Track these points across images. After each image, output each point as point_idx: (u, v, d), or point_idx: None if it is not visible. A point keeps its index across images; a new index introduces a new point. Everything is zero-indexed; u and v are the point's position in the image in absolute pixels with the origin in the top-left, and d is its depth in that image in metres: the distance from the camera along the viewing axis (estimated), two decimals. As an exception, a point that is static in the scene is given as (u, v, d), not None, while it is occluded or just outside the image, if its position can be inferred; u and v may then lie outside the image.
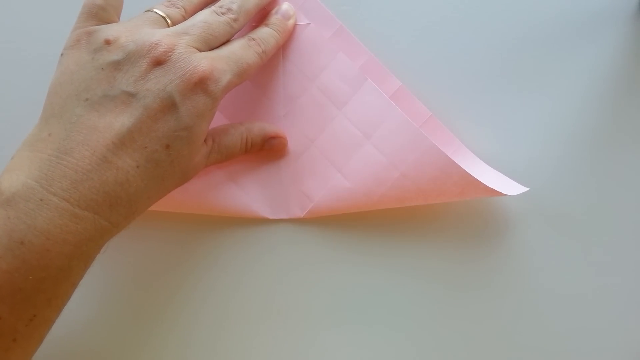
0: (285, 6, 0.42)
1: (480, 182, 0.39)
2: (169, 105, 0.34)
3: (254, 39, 0.39)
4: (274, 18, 0.42)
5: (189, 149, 0.35)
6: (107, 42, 0.34)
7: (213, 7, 0.39)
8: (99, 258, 0.34)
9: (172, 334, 0.42)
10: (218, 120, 0.42)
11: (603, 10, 0.43)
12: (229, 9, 0.38)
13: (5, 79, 0.45)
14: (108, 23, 0.37)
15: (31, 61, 0.45)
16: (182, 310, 0.43)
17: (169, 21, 0.37)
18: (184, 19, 0.38)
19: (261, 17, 0.42)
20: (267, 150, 0.43)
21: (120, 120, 0.33)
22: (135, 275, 0.43)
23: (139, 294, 0.43)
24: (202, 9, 0.40)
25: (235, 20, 0.38)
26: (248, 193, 0.43)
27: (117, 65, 0.34)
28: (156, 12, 0.37)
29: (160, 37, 0.35)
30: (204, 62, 0.35)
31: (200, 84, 0.35)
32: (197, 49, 0.36)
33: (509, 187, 0.41)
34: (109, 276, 0.43)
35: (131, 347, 0.42)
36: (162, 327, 0.42)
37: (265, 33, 0.41)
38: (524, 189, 0.40)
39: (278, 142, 0.42)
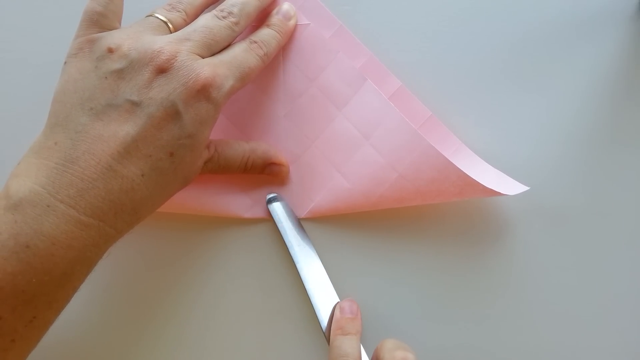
0: (285, 6, 0.42)
1: (478, 182, 0.39)
2: (173, 114, 0.34)
3: (255, 42, 0.39)
4: (275, 19, 0.42)
5: (191, 156, 0.36)
6: (110, 51, 0.35)
7: (214, 11, 0.38)
8: (99, 261, 0.35)
9: (170, 334, 0.43)
10: (219, 121, 0.42)
11: (603, 10, 0.43)
12: (230, 13, 0.38)
13: (7, 84, 0.45)
14: (109, 30, 0.37)
15: (33, 66, 0.45)
16: (180, 311, 0.43)
17: (170, 26, 0.37)
18: (186, 22, 0.38)
19: (262, 17, 0.42)
20: (267, 174, 0.43)
21: (124, 129, 0.33)
22: (134, 276, 0.43)
23: (138, 295, 0.43)
24: (203, 12, 0.40)
25: (236, 23, 0.38)
26: (248, 193, 0.43)
27: (120, 74, 0.34)
28: (157, 17, 0.37)
29: (162, 44, 0.35)
30: (206, 69, 0.35)
31: (203, 92, 0.35)
32: (199, 55, 0.36)
33: (509, 186, 0.41)
34: (109, 276, 0.43)
35: (130, 348, 0.43)
36: (160, 327, 0.43)
37: (266, 35, 0.41)
38: (525, 188, 0.40)
39: (279, 169, 0.42)
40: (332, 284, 0.42)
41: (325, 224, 0.43)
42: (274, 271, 0.43)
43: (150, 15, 0.38)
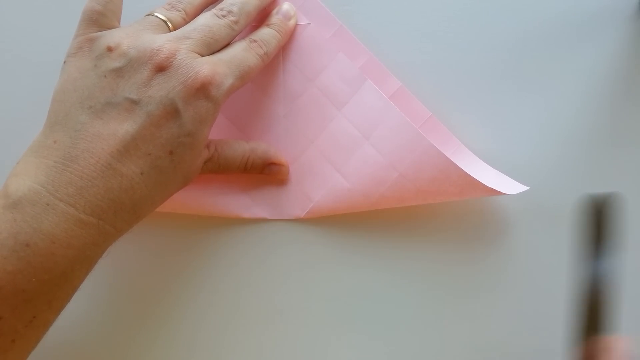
0: (285, 6, 0.42)
1: (479, 181, 0.39)
2: (172, 112, 0.34)
3: (255, 41, 0.39)
4: (275, 18, 0.42)
5: (191, 154, 0.36)
6: (109, 49, 0.34)
7: (213, 10, 0.38)
8: (99, 260, 0.35)
9: (170, 334, 0.43)
10: (218, 120, 0.42)
11: (603, 10, 0.43)
12: (229, 12, 0.38)
13: (7, 83, 0.45)
14: (109, 28, 0.37)
15: (32, 66, 0.45)
16: (180, 311, 0.43)
17: (170, 25, 0.37)
18: (185, 22, 0.38)
19: (262, 17, 0.42)
20: (266, 174, 0.42)
21: (124, 128, 0.33)
22: (133, 276, 0.43)
23: (137, 295, 0.43)
24: (202, 11, 0.40)
25: (236, 22, 0.38)
26: (248, 193, 0.43)
27: (119, 72, 0.34)
28: (157, 16, 0.37)
29: (161, 42, 0.35)
30: (205, 67, 0.35)
31: (202, 90, 0.35)
32: (199, 54, 0.36)
33: (509, 186, 0.41)
34: (109, 276, 0.43)
35: (129, 348, 0.43)
36: (162, 328, 0.43)
37: (266, 34, 0.40)
38: (524, 188, 0.40)
39: (278, 169, 0.42)
40: (331, 284, 0.42)
41: (325, 224, 0.43)
42: (274, 271, 0.43)
43: (150, 15, 0.38)
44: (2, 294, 0.30)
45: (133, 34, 0.35)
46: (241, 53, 0.38)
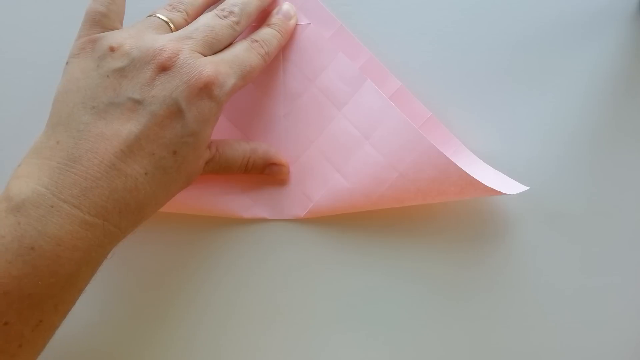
0: (286, 6, 0.42)
1: (479, 181, 0.39)
2: (175, 112, 0.34)
3: (256, 41, 0.39)
4: (276, 18, 0.42)
5: (194, 154, 0.36)
6: (112, 49, 0.34)
7: (215, 11, 0.38)
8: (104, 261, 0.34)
9: (173, 334, 0.43)
10: (219, 121, 0.42)
11: (603, 10, 0.43)
12: (231, 12, 0.38)
13: (8, 84, 0.44)
14: (111, 30, 0.36)
15: (33, 67, 0.44)
16: (182, 311, 0.43)
17: (172, 25, 0.37)
18: (187, 22, 0.38)
19: (262, 17, 0.42)
20: (267, 175, 0.43)
21: (127, 128, 0.33)
22: (135, 277, 0.43)
23: (139, 296, 0.43)
24: (204, 12, 0.40)
25: (237, 23, 0.38)
26: (248, 194, 0.43)
27: (122, 72, 0.34)
28: (159, 17, 0.37)
29: (164, 42, 0.35)
30: (208, 67, 0.35)
31: (205, 89, 0.35)
32: (201, 54, 0.36)
33: (509, 186, 0.41)
34: (110, 277, 0.43)
35: (134, 349, 0.43)
36: (163, 328, 0.43)
37: (267, 34, 0.41)
38: (524, 188, 0.40)
39: (279, 169, 0.42)
40: (331, 284, 0.42)
41: (325, 224, 0.43)
42: (274, 271, 0.43)
43: (152, 15, 0.38)
44: (8, 299, 0.30)
45: (135, 35, 0.35)
46: (243, 53, 0.38)
